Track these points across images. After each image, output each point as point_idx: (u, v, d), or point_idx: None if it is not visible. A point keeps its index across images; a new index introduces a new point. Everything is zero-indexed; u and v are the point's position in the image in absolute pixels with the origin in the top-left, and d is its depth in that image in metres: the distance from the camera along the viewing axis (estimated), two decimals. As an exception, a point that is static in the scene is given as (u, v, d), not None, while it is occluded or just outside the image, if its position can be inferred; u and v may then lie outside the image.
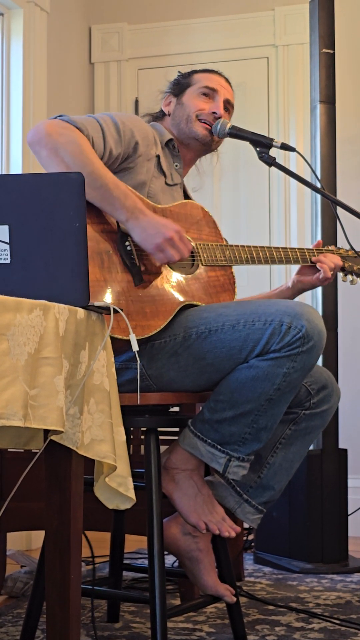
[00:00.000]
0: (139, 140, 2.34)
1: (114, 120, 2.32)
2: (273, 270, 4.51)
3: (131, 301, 2.17)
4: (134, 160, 2.34)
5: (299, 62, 4.49)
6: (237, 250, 2.43)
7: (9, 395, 1.54)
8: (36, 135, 2.18)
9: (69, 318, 1.69)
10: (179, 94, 2.54)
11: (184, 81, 2.56)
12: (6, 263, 1.73)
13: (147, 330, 2.16)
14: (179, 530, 2.27)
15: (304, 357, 2.14)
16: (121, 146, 2.30)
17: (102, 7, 4.77)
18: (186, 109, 2.50)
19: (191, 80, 2.54)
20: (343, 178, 3.91)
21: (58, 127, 2.18)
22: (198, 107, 2.49)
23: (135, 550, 3.63)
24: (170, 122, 2.53)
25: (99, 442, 1.76)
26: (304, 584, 3.13)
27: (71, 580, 1.76)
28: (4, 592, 2.92)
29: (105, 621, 2.59)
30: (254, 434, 2.19)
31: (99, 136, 2.26)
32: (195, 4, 4.66)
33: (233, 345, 2.17)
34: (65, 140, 2.16)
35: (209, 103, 2.50)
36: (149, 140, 2.39)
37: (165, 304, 2.23)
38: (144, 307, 2.18)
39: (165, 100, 2.57)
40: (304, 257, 2.51)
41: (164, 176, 2.42)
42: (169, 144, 2.49)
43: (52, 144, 2.15)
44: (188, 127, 2.49)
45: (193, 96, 2.51)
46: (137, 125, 2.37)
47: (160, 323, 2.19)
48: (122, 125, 2.32)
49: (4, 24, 3.95)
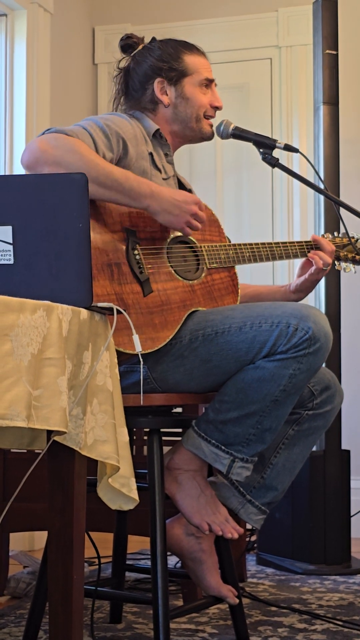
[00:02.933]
0: (127, 140, 2.30)
1: (100, 125, 2.26)
2: (276, 267, 4.51)
3: (141, 313, 2.17)
4: (126, 162, 2.30)
5: (302, 63, 4.50)
6: (239, 249, 2.43)
7: (12, 395, 1.54)
8: (32, 156, 2.12)
9: (72, 319, 1.69)
10: (176, 82, 2.45)
11: (178, 66, 2.45)
12: (9, 264, 1.73)
13: (157, 342, 2.16)
14: (182, 531, 2.27)
15: (310, 358, 2.14)
16: (112, 150, 2.26)
17: (106, 8, 4.77)
18: (193, 105, 2.45)
19: (184, 65, 2.45)
20: (346, 179, 3.91)
21: (50, 140, 2.13)
22: (204, 104, 2.46)
23: (138, 551, 3.63)
24: (170, 114, 2.46)
25: (102, 443, 1.76)
26: (307, 585, 3.12)
27: (74, 580, 1.76)
28: (7, 593, 2.93)
29: (108, 622, 2.59)
30: (258, 435, 2.19)
31: (90, 143, 2.21)
32: (199, 5, 4.66)
33: (240, 347, 2.17)
34: (62, 151, 2.12)
35: (208, 95, 2.48)
36: (138, 139, 2.34)
37: (173, 313, 2.23)
38: (153, 318, 2.18)
39: (158, 86, 2.45)
40: (302, 250, 2.51)
41: (160, 172, 2.41)
42: (156, 134, 2.43)
43: (52, 158, 2.11)
44: (198, 126, 2.47)
45: (196, 90, 2.45)
46: (122, 126, 2.31)
47: (169, 334, 2.20)
48: (108, 129, 2.26)
49: (7, 25, 3.95)
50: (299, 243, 2.52)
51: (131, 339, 2.05)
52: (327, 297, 3.53)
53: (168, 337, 2.19)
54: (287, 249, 2.50)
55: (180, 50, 2.48)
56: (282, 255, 2.50)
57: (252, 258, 2.44)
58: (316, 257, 2.46)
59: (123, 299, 2.15)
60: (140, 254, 2.22)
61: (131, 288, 2.18)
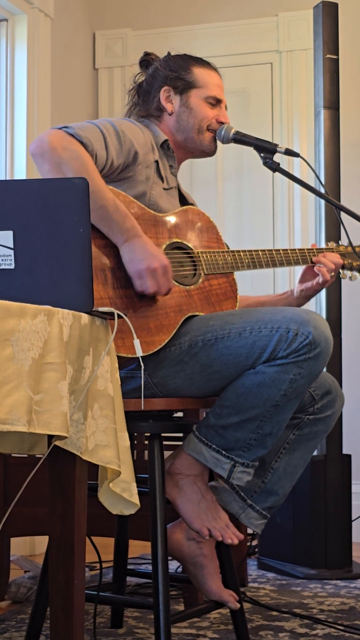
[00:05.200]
0: (138, 149, 2.31)
1: (115, 129, 2.28)
2: (277, 274, 4.51)
3: (135, 317, 2.16)
4: (133, 169, 2.32)
5: (302, 68, 4.50)
6: (238, 255, 2.43)
7: (13, 400, 1.54)
8: (40, 148, 2.14)
9: (73, 323, 1.69)
10: (182, 92, 2.47)
11: (186, 76, 2.47)
12: (10, 268, 1.73)
13: (151, 346, 2.16)
14: (183, 535, 2.27)
15: (310, 363, 2.14)
16: (122, 156, 2.28)
17: (106, 13, 4.78)
18: (196, 116, 2.46)
19: (192, 77, 2.47)
20: (347, 183, 3.91)
21: (63, 140, 2.14)
22: (208, 116, 2.47)
23: (139, 555, 3.63)
24: (173, 123, 2.48)
25: (103, 448, 1.76)
26: (308, 589, 3.12)
27: (75, 585, 1.76)
28: (8, 598, 2.92)
29: (109, 627, 2.59)
30: (259, 440, 2.19)
31: (102, 147, 2.23)
32: (199, 10, 4.67)
33: (240, 352, 2.17)
34: (69, 156, 2.13)
35: (215, 110, 2.49)
36: (147, 148, 2.36)
37: (169, 317, 2.23)
38: (148, 322, 2.18)
39: (164, 94, 2.48)
40: (304, 258, 2.51)
41: (162, 181, 2.42)
42: (164, 144, 2.45)
43: (56, 158, 2.12)
44: (199, 138, 2.47)
45: (201, 102, 2.46)
46: (135, 134, 2.33)
47: (165, 337, 2.20)
48: (122, 135, 2.28)
49: (8, 29, 3.96)
50: (300, 250, 2.52)
51: (126, 342, 2.05)
52: (328, 302, 3.54)
53: (163, 340, 2.19)
54: (288, 256, 2.50)
55: (190, 63, 2.51)
56: (282, 261, 2.49)
57: (251, 264, 2.44)
58: (323, 269, 2.46)
59: (117, 303, 2.15)
60: None
61: (125, 292, 2.18)
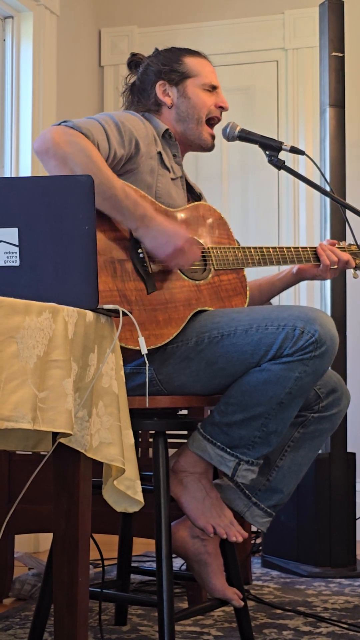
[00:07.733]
0: (139, 139, 2.31)
1: (115, 121, 2.28)
2: (283, 271, 4.51)
3: (144, 310, 2.16)
4: (136, 160, 2.31)
5: (308, 66, 4.49)
6: (248, 252, 2.43)
7: (18, 397, 1.54)
8: (44, 145, 2.14)
9: (78, 321, 1.69)
10: (178, 83, 2.47)
11: (179, 68, 2.47)
12: (15, 266, 1.73)
13: (160, 339, 2.16)
14: (187, 533, 2.27)
15: (316, 361, 2.14)
16: (124, 147, 2.27)
17: (112, 11, 4.77)
18: (195, 104, 2.46)
19: (185, 67, 2.47)
20: (352, 181, 3.90)
21: (65, 135, 2.14)
22: (207, 104, 2.47)
23: (143, 553, 3.63)
24: (173, 115, 2.47)
25: (107, 445, 1.76)
26: (312, 588, 3.12)
27: (79, 582, 1.76)
28: (12, 595, 2.93)
29: (113, 624, 2.59)
30: (263, 438, 2.19)
31: (104, 139, 2.23)
32: (205, 8, 4.66)
33: (245, 350, 2.17)
34: (73, 149, 2.13)
35: (213, 96, 2.49)
36: (149, 139, 2.36)
37: (178, 311, 2.23)
38: (157, 315, 2.18)
39: (160, 88, 2.47)
40: (315, 256, 2.51)
41: (168, 171, 2.41)
42: (165, 134, 2.44)
43: (61, 153, 2.12)
44: (198, 130, 2.47)
45: (198, 90, 2.46)
46: (135, 124, 2.33)
47: (173, 331, 2.20)
48: (122, 126, 2.28)
49: (14, 27, 3.96)
50: (312, 248, 2.52)
51: (134, 334, 2.04)
52: (333, 299, 3.53)
53: (172, 334, 2.19)
54: (299, 253, 2.50)
55: (180, 54, 2.51)
56: (293, 259, 2.49)
57: (261, 261, 2.44)
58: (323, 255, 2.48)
59: (126, 295, 2.15)
60: (144, 253, 2.22)
61: (134, 285, 2.18)
